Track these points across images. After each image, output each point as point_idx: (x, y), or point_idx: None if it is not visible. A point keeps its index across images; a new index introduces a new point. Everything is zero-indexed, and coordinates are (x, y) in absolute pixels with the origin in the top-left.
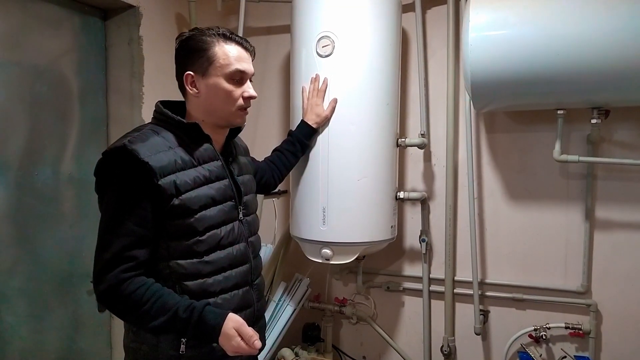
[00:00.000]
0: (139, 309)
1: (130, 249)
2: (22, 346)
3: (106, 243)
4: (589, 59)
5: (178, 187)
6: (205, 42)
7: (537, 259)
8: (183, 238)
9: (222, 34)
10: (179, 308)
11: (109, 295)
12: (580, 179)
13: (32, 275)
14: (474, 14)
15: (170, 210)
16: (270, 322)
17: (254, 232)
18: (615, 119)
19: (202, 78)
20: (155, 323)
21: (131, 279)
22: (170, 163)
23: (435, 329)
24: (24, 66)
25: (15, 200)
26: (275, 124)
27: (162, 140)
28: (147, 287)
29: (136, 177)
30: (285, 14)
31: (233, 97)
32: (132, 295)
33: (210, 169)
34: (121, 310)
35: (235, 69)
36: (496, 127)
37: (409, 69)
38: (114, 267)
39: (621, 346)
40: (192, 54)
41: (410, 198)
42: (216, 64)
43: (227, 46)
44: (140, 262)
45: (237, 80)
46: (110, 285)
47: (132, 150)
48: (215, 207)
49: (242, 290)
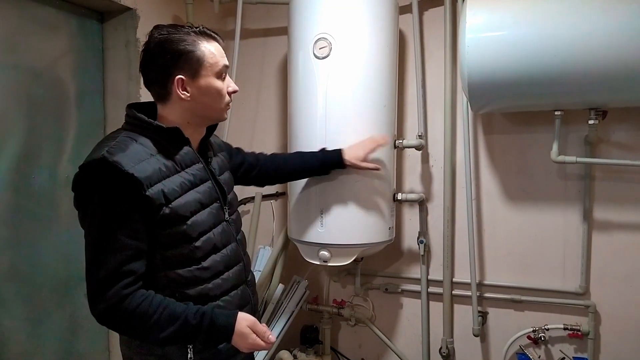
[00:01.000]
0: (147, 322)
1: (127, 263)
2: (19, 350)
3: (100, 261)
4: (586, 59)
5: (167, 195)
6: (189, 43)
7: (535, 260)
8: (178, 246)
9: (201, 31)
10: (188, 315)
11: (112, 314)
12: (578, 180)
13: (29, 279)
14: (471, 15)
15: (161, 220)
16: (269, 324)
17: (239, 230)
18: (613, 119)
19: (193, 80)
20: (165, 334)
21: (133, 294)
22: (155, 171)
23: (434, 330)
24: (21, 69)
25: (12, 203)
26: (273, 126)
27: (141, 147)
28: (150, 299)
29: (122, 190)
30: (283, 15)
31: (223, 94)
32: (137, 310)
33: (194, 173)
34: (127, 327)
35: (223, 66)
36: (494, 129)
37: (406, 71)
38: (113, 285)
39: (620, 347)
40: (179, 57)
41: (408, 200)
42: (206, 64)
43: (209, 44)
44: (138, 276)
45: (222, 76)
46: (112, 303)
47: (114, 162)
48: (204, 210)
49: (240, 289)
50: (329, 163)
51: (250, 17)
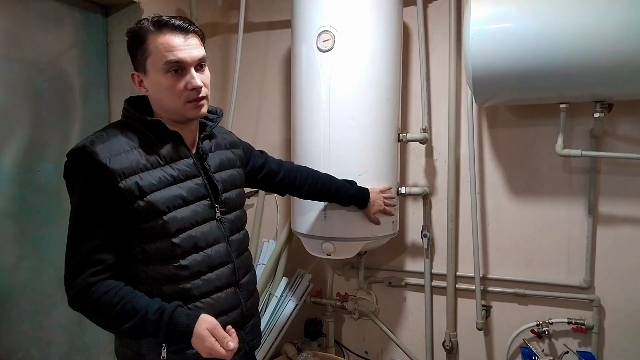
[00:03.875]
0: (109, 312)
1: (96, 252)
2: (26, 342)
3: (73, 246)
4: (592, 52)
5: (142, 188)
6: (140, 36)
7: (539, 254)
8: (156, 241)
9: (154, 21)
10: (149, 310)
11: (79, 300)
12: (583, 173)
13: (35, 271)
14: (476, 8)
15: (136, 212)
16: (272, 317)
17: (237, 230)
18: (618, 112)
19: (145, 76)
20: (126, 326)
21: (100, 282)
22: (132, 164)
23: (437, 324)
24: (26, 63)
25: (17, 196)
26: (276, 120)
27: (125, 139)
28: (116, 290)
29: (96, 180)
30: (286, 8)
31: (176, 91)
32: (102, 299)
33: (180, 168)
34: (91, 314)
35: (167, 61)
36: (498, 122)
37: (410, 64)
38: (82, 271)
39: (624, 341)
40: (132, 52)
41: (412, 193)
42: (151, 59)
43: (160, 36)
44: (108, 265)
45: (175, 71)
46: (79, 289)
47: (91, 152)
48: (186, 207)
49: (225, 292)
50: (355, 200)
51: (254, 10)
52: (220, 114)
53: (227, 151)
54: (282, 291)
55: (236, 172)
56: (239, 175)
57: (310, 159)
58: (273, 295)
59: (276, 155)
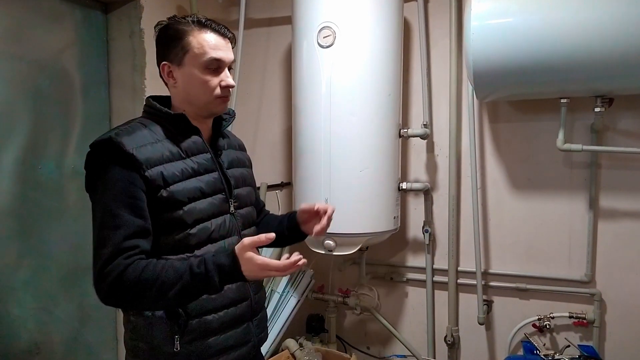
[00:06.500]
0: (153, 284)
1: (131, 238)
2: (28, 339)
3: (104, 238)
4: (592, 46)
5: (165, 178)
6: (179, 31)
7: (540, 248)
8: (173, 232)
9: (197, 21)
10: (192, 267)
11: (116, 286)
12: (584, 168)
13: (37, 269)
14: (476, 3)
15: (158, 202)
16: (274, 313)
17: (249, 225)
18: (619, 107)
19: (178, 68)
20: (173, 291)
21: (135, 262)
22: (157, 155)
23: (439, 319)
24: (26, 60)
25: (19, 194)
26: (277, 115)
27: (149, 132)
28: (153, 263)
29: (125, 169)
30: (286, 5)
31: (210, 87)
32: (142, 275)
33: (199, 162)
34: (133, 295)
35: (210, 58)
36: (499, 117)
37: (411, 59)
38: (115, 259)
39: (625, 335)
40: (168, 44)
41: (413, 189)
42: (191, 53)
43: (202, 34)
44: (142, 250)
45: (213, 69)
46: (116, 275)
47: (119, 142)
48: (204, 199)
49: (235, 285)
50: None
51: (254, 7)
52: (233, 114)
53: (237, 151)
54: (284, 287)
55: (246, 172)
56: (249, 174)
57: (310, 155)
58: (275, 292)
59: (277, 152)
